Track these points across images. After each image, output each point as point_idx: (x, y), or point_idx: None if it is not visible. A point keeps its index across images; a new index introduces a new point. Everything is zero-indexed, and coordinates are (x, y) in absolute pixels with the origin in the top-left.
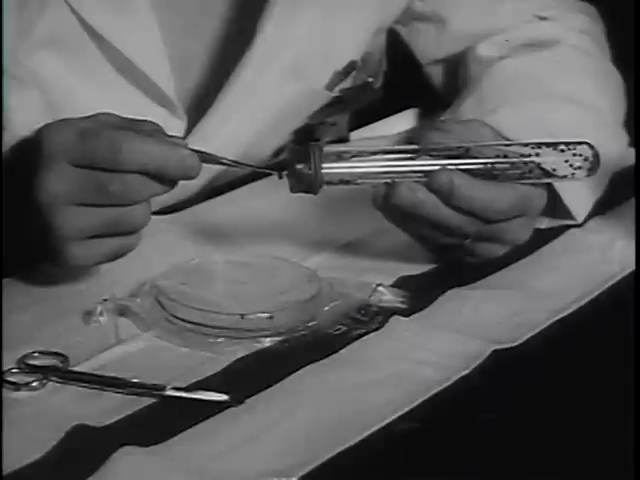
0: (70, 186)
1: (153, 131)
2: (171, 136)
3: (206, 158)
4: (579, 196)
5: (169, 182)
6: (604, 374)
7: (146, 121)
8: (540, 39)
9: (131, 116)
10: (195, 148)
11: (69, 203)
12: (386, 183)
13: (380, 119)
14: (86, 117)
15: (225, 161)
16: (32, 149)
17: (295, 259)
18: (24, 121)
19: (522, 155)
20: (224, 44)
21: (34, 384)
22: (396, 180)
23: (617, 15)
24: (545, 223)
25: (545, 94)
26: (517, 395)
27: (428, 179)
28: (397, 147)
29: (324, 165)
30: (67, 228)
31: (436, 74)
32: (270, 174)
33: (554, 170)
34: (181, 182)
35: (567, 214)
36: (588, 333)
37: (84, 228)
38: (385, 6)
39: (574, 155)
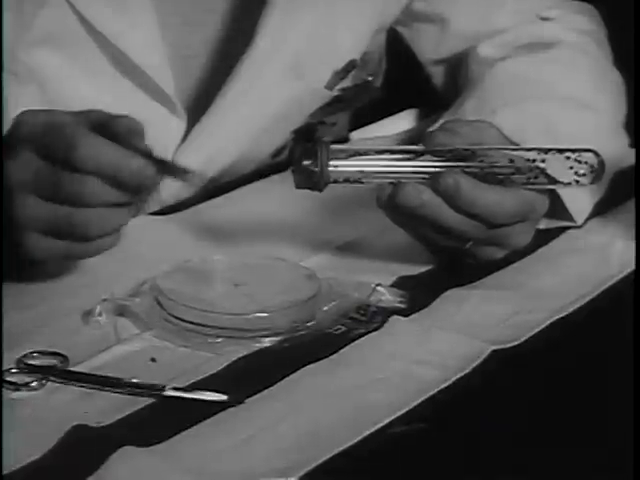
0: (31, 176)
1: (130, 131)
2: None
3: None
4: (579, 198)
5: (127, 190)
6: (604, 374)
7: (126, 118)
8: (542, 39)
9: (130, 114)
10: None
11: (29, 192)
12: (391, 183)
13: (380, 119)
14: (74, 112)
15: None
16: (8, 134)
17: (294, 259)
18: None
19: (528, 160)
20: (224, 42)
21: (33, 384)
22: (402, 180)
23: (617, 15)
24: (544, 224)
25: (546, 95)
26: (517, 395)
27: (434, 181)
28: (404, 147)
29: (331, 162)
30: (24, 217)
31: (437, 74)
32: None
33: (559, 176)
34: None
35: (567, 216)
36: (588, 333)
37: (39, 220)
38: (385, 6)
39: (579, 162)
